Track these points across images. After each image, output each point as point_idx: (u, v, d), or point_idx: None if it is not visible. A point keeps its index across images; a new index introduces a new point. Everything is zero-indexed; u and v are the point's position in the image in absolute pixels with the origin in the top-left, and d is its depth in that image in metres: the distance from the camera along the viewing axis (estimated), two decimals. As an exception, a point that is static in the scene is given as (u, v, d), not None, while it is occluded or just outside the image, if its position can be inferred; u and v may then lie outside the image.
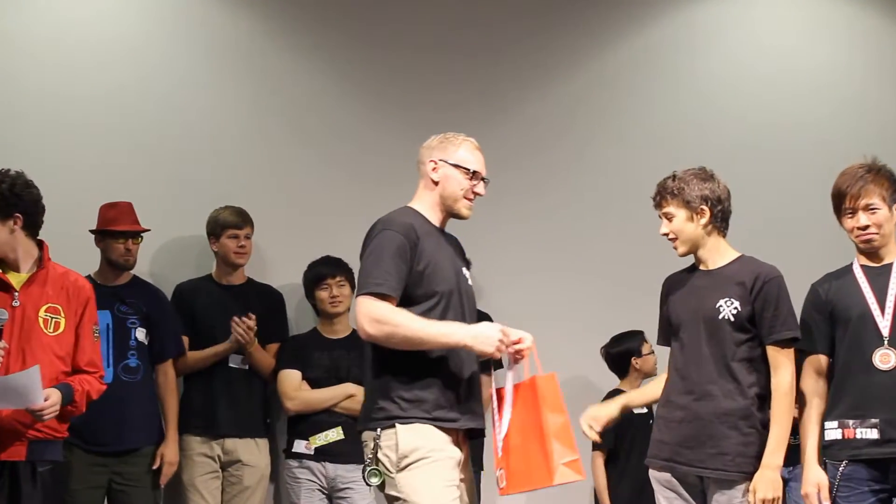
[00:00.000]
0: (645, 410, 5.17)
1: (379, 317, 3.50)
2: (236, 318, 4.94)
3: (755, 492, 3.75)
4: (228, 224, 5.10)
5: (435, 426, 3.54)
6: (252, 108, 5.56)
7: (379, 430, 3.56)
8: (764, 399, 3.87)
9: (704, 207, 3.90)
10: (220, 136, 5.48)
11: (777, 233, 5.54)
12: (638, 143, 5.72)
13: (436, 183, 3.75)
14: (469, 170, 3.76)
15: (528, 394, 3.68)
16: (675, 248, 3.96)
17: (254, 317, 4.97)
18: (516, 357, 3.65)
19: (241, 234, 5.11)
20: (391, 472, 3.52)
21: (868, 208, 3.83)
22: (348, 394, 5.05)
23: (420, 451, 3.51)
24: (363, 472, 3.61)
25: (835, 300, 3.88)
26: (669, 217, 3.94)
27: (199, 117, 5.47)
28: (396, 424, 3.53)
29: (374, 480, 3.57)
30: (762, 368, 3.88)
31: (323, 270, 5.16)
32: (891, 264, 3.86)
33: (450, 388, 3.59)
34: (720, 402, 3.83)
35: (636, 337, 5.37)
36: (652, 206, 4.06)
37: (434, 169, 3.75)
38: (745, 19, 5.89)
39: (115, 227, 4.86)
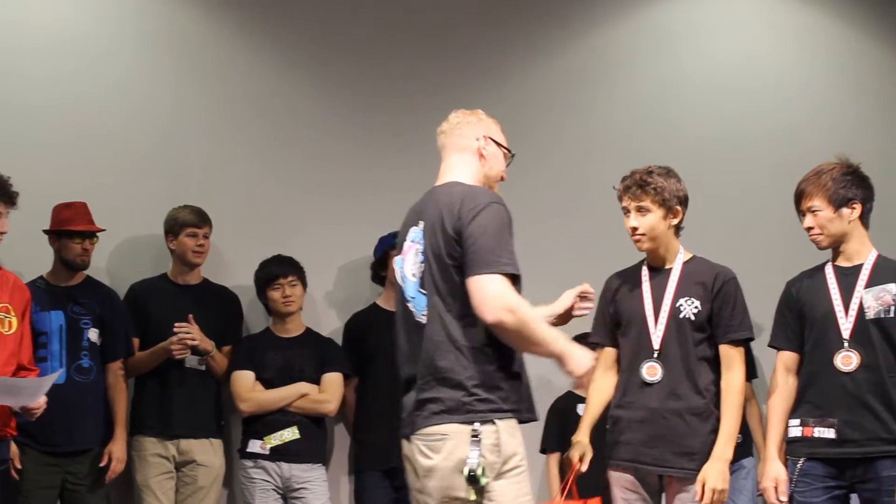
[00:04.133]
0: None
1: (514, 305, 3.13)
2: (178, 325, 4.88)
3: (705, 482, 3.75)
4: (188, 222, 5.05)
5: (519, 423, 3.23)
6: (207, 109, 5.49)
7: (477, 424, 3.15)
8: (718, 397, 3.87)
9: (679, 208, 3.90)
10: (174, 136, 5.41)
11: (737, 231, 5.54)
12: (600, 141, 5.69)
13: (484, 159, 3.48)
14: (510, 151, 3.56)
15: None
16: (639, 243, 3.92)
17: (190, 318, 4.91)
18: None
19: (200, 232, 5.06)
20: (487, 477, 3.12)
21: (811, 210, 3.87)
22: (301, 393, 5.01)
23: (518, 457, 3.18)
24: (471, 471, 3.09)
25: (804, 299, 3.92)
26: (643, 211, 3.88)
27: (153, 117, 5.41)
28: (496, 421, 3.15)
29: (484, 480, 3.11)
30: (716, 368, 3.89)
31: (275, 270, 5.11)
32: (861, 265, 3.87)
33: (527, 386, 3.30)
34: (683, 402, 3.83)
35: (584, 339, 5.37)
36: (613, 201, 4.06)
37: (485, 145, 3.48)
38: (710, 18, 5.88)
39: (72, 227, 4.81)
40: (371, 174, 5.51)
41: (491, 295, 3.14)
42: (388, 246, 5.19)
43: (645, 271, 3.98)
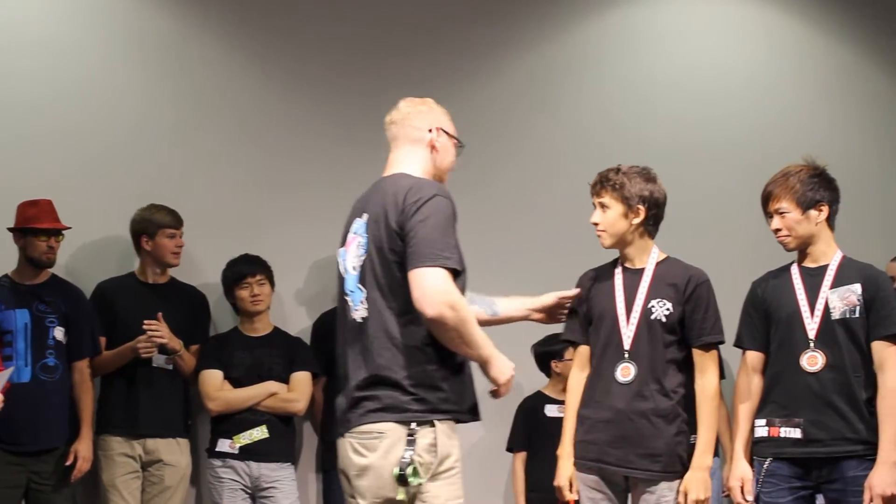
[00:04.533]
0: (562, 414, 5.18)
1: (455, 302, 3.08)
2: (147, 322, 4.85)
3: (686, 493, 3.76)
4: (165, 224, 5.03)
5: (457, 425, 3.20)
6: (173, 107, 5.47)
7: (414, 424, 3.11)
8: (687, 399, 3.86)
9: (641, 207, 3.86)
10: (140, 134, 5.39)
11: (703, 233, 5.56)
12: (568, 142, 5.71)
13: (436, 151, 3.40)
14: (460, 142, 3.50)
15: None
16: (600, 238, 3.92)
17: (160, 316, 4.89)
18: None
19: (178, 233, 5.06)
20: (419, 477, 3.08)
21: (778, 212, 3.87)
22: (270, 392, 5.00)
23: (453, 458, 3.16)
24: (401, 471, 3.06)
25: (770, 299, 3.91)
26: (604, 207, 3.89)
27: (119, 115, 5.39)
28: (435, 422, 3.12)
29: (416, 480, 3.08)
30: (686, 370, 3.87)
31: (243, 269, 5.10)
32: (826, 266, 3.88)
33: (470, 387, 3.27)
34: (649, 403, 3.81)
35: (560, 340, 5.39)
36: (577, 202, 4.06)
37: (437, 137, 3.40)
38: (678, 19, 5.89)
39: (38, 225, 4.79)
40: (339, 172, 5.47)
41: (432, 289, 3.08)
42: None
43: (618, 270, 3.96)
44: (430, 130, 3.40)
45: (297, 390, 5.07)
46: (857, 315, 3.80)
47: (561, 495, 3.93)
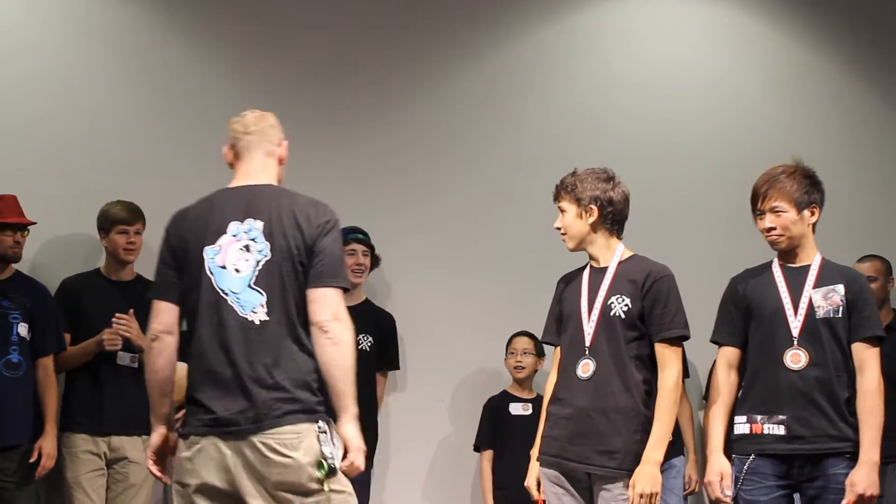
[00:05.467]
0: (528, 412, 5.17)
1: (349, 322, 3.32)
2: (117, 316, 4.81)
3: (634, 486, 3.75)
4: (118, 219, 4.98)
5: None
6: (140, 103, 5.46)
7: (321, 422, 3.28)
8: (650, 396, 3.86)
9: (593, 207, 3.89)
10: (107, 130, 5.38)
11: (672, 231, 5.58)
12: (533, 143, 5.72)
13: (282, 164, 3.54)
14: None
15: None
16: (564, 241, 3.97)
17: (131, 312, 4.83)
18: None
19: (131, 229, 5.00)
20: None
21: (774, 210, 3.85)
22: None
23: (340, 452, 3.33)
24: (328, 464, 3.24)
25: (751, 296, 3.90)
26: (563, 211, 3.95)
27: (82, 110, 5.38)
28: (330, 420, 3.31)
29: (321, 473, 3.24)
30: (650, 366, 3.87)
31: None
32: (808, 266, 3.89)
33: None
34: (610, 400, 3.81)
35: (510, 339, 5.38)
36: (541, 203, 4.08)
37: (284, 151, 3.55)
38: (643, 22, 5.90)
39: (4, 220, 4.77)
40: (302, 170, 5.46)
41: (341, 307, 3.30)
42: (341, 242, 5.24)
43: (587, 271, 4.00)
44: (279, 144, 3.54)
45: None
46: (839, 315, 3.81)
47: (530, 495, 3.96)
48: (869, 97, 5.93)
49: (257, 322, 3.27)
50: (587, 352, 3.86)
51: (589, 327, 3.88)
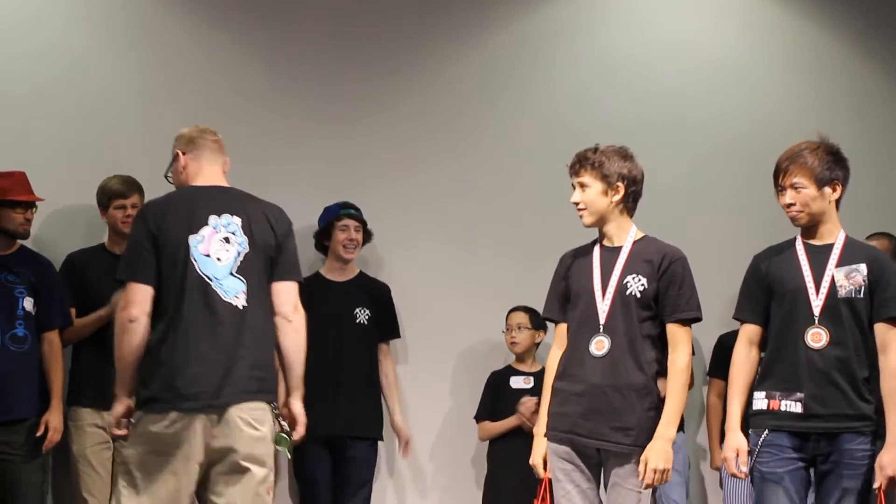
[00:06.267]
0: (530, 385, 5.19)
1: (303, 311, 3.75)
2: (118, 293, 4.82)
3: (647, 462, 3.78)
4: (114, 194, 4.98)
5: None
6: (143, 77, 5.44)
7: (274, 403, 3.65)
8: (660, 374, 3.90)
9: (620, 185, 3.89)
10: (106, 104, 5.36)
11: (676, 208, 5.56)
12: (538, 120, 5.71)
13: (224, 175, 3.94)
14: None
15: None
16: (582, 217, 3.94)
17: None
18: None
19: (128, 203, 4.98)
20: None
21: (794, 186, 3.83)
22: None
23: None
24: (279, 442, 3.63)
25: (773, 274, 3.89)
26: (584, 186, 3.92)
27: (84, 84, 5.36)
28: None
29: (282, 447, 3.66)
30: (660, 346, 3.91)
31: None
32: (832, 245, 3.88)
33: None
34: (624, 377, 3.83)
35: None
36: (546, 181, 4.07)
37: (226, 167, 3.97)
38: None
39: (15, 197, 4.77)
40: (305, 145, 5.52)
41: (296, 297, 3.74)
42: (333, 216, 5.25)
43: (597, 249, 3.99)
44: (226, 163, 3.95)
45: None
46: (861, 295, 3.80)
47: (536, 472, 3.96)
48: (875, 75, 5.93)
49: (240, 307, 3.61)
50: (602, 329, 3.87)
51: (604, 305, 3.89)
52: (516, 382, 5.24)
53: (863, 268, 3.82)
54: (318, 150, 5.51)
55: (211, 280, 3.60)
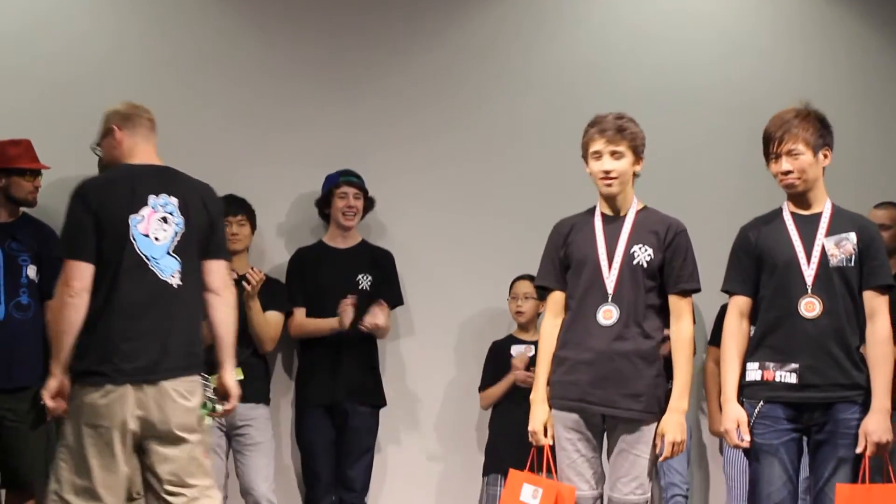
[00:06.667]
0: (531, 353, 5.17)
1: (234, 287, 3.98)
2: None
3: (664, 435, 3.85)
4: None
5: None
6: (150, 46, 5.44)
7: (203, 374, 3.85)
8: (663, 343, 3.96)
9: (641, 156, 3.97)
10: (113, 74, 5.35)
11: (680, 177, 5.56)
12: (542, 89, 5.69)
13: None
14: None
15: None
16: (611, 186, 3.93)
17: None
18: None
19: None
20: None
21: (790, 153, 3.83)
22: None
23: None
24: (204, 409, 3.82)
25: (763, 245, 3.90)
26: (617, 155, 3.92)
27: (92, 55, 5.36)
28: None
29: (203, 413, 3.84)
30: (662, 315, 3.96)
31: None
32: (820, 213, 3.88)
33: None
34: (631, 344, 3.88)
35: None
36: (549, 147, 4.05)
37: None
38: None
39: (23, 165, 4.80)
40: (306, 109, 5.51)
41: (227, 274, 3.93)
42: (333, 184, 5.26)
43: (598, 218, 4.01)
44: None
45: (270, 328, 5.08)
46: (852, 264, 3.83)
47: (536, 439, 3.97)
48: (881, 44, 5.89)
49: (175, 286, 3.76)
50: (610, 299, 3.90)
51: (611, 275, 3.92)
52: (517, 350, 5.26)
53: (852, 236, 3.84)
54: (320, 114, 5.51)
55: (149, 259, 3.74)
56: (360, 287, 5.21)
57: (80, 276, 3.67)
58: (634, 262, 3.91)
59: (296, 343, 5.27)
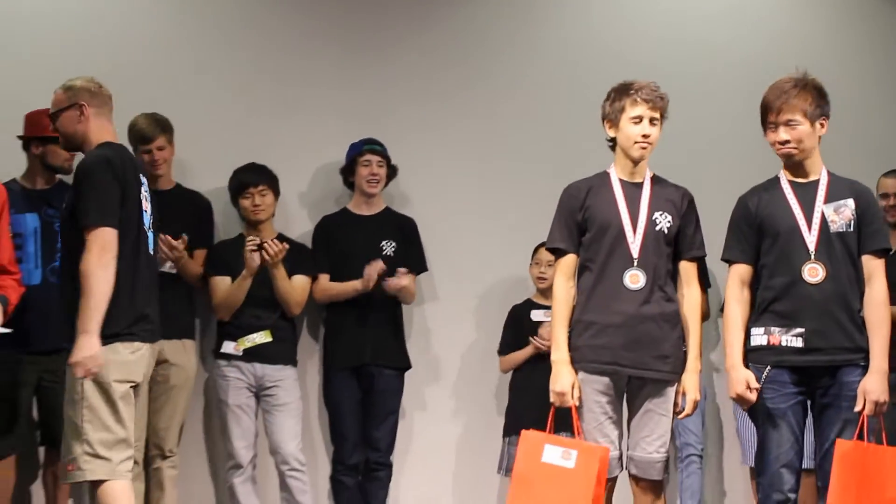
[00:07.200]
0: (549, 318, 5.19)
1: None
2: (162, 237, 4.82)
3: (686, 394, 3.97)
4: (139, 138, 5.04)
5: None
6: (179, 17, 5.50)
7: None
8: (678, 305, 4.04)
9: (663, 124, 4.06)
10: (145, 42, 5.42)
11: (695, 150, 5.59)
12: (555, 62, 5.73)
13: None
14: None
15: None
16: (645, 149, 4.00)
17: (184, 238, 4.95)
18: None
19: (153, 146, 5.04)
20: None
21: (788, 123, 3.87)
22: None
23: None
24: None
25: (763, 214, 3.94)
26: (655, 122, 4.01)
27: (127, 29, 5.43)
28: None
29: None
30: (675, 279, 4.05)
31: (246, 179, 5.13)
32: (817, 181, 3.93)
33: None
34: (656, 307, 3.96)
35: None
36: (563, 117, 4.07)
37: None
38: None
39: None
40: (332, 76, 5.57)
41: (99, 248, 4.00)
42: (356, 152, 5.30)
43: (616, 183, 4.06)
44: None
45: (296, 292, 5.13)
46: (851, 229, 3.88)
47: (563, 400, 3.96)
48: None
49: (153, 259, 4.15)
50: (635, 263, 3.96)
51: (635, 240, 3.98)
52: (537, 316, 5.30)
53: (850, 202, 3.89)
54: (353, 85, 5.55)
55: (147, 234, 4.06)
56: (384, 253, 5.25)
57: (113, 241, 3.87)
58: (657, 228, 3.99)
59: (322, 307, 5.33)
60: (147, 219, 4.08)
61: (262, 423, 5.15)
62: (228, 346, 5.09)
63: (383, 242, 5.27)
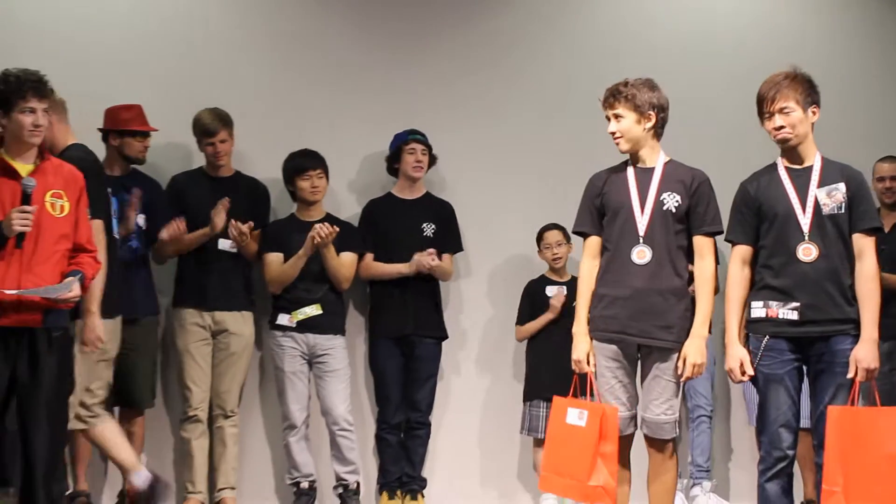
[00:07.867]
0: (564, 293, 5.43)
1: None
2: (233, 222, 5.11)
3: (686, 357, 4.11)
4: (202, 132, 5.29)
5: None
6: (234, 16, 5.70)
7: None
8: (690, 280, 4.23)
9: (651, 113, 4.17)
10: (200, 40, 5.64)
11: (704, 131, 5.75)
12: (576, 61, 5.91)
13: None
14: None
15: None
16: (619, 145, 4.19)
17: (250, 224, 5.17)
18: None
19: (216, 140, 5.27)
20: None
21: (782, 111, 4.03)
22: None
23: None
24: None
25: (762, 198, 4.09)
26: (618, 118, 4.16)
27: (178, 23, 5.63)
28: None
29: None
30: (688, 255, 4.23)
31: (305, 163, 5.33)
32: (811, 167, 4.08)
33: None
34: (664, 282, 4.13)
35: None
36: (586, 111, 4.36)
37: None
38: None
39: (135, 127, 5.11)
40: (384, 74, 5.76)
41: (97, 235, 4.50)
42: (402, 141, 5.51)
43: (630, 169, 4.24)
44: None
45: (344, 269, 5.36)
46: (842, 211, 4.04)
47: (580, 367, 4.21)
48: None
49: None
50: (641, 240, 4.17)
51: (643, 219, 4.18)
52: (551, 291, 5.49)
53: (841, 186, 4.05)
54: (395, 76, 5.68)
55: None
56: (424, 234, 5.48)
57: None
58: (664, 207, 4.15)
59: (368, 283, 5.54)
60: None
61: (314, 387, 5.39)
62: (283, 319, 5.34)
63: (424, 224, 5.49)
